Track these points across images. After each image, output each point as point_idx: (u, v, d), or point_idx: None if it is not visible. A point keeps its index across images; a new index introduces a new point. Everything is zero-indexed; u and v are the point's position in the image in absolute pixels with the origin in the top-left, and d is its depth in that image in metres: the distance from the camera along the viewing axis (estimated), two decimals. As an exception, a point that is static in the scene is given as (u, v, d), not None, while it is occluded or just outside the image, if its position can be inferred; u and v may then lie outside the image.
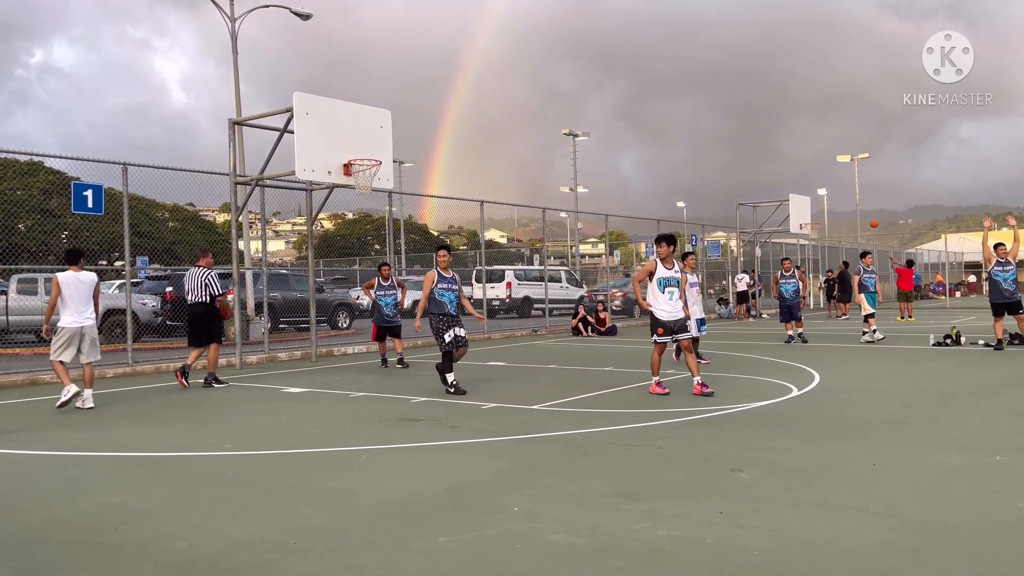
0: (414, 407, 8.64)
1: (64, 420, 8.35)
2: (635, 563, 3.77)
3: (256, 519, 4.57)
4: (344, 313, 22.81)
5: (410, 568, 3.75)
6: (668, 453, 6.11)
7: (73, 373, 9.41)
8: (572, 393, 9.32)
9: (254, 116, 14.87)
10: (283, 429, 7.60)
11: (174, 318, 19.00)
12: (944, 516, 4.43)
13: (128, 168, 12.94)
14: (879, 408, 8.07)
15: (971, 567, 3.69)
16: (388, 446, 6.62)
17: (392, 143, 13.71)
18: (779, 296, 16.68)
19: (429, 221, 63.34)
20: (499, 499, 4.87)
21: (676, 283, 9.08)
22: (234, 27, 20.52)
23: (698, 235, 31.48)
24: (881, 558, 3.78)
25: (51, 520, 4.65)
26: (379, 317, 13.22)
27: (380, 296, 13.17)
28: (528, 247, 64.00)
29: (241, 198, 14.30)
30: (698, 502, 4.74)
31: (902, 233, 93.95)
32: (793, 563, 3.74)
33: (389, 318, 13.14)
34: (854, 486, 5.06)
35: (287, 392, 10.22)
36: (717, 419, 7.51)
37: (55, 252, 29.14)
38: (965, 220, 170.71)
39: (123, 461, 6.31)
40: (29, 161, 30.65)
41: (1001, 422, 7.27)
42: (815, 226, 32.18)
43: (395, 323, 13.18)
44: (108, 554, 4.05)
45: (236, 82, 20.35)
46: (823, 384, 9.80)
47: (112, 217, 19.21)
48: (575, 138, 49.14)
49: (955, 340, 14.98)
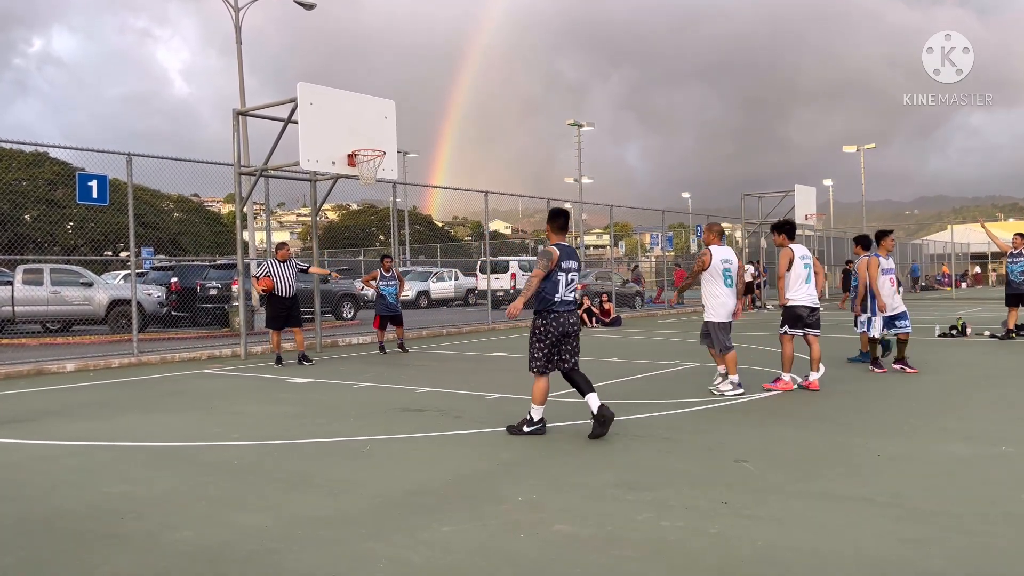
0: (419, 397, 8.65)
1: (70, 410, 8.38)
2: (640, 553, 3.77)
3: (261, 509, 4.58)
4: (349, 304, 22.83)
5: (415, 558, 3.76)
6: (673, 444, 6.11)
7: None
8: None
9: (258, 106, 14.83)
10: (288, 419, 7.61)
11: (179, 308, 19.05)
12: (950, 507, 4.42)
13: (133, 159, 12.93)
14: (884, 399, 8.06)
15: (977, 558, 3.68)
16: (393, 436, 6.63)
17: (396, 134, 13.69)
18: None
19: (433, 212, 63.37)
20: (504, 489, 4.87)
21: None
22: (238, 17, 20.47)
23: (703, 226, 31.42)
24: (886, 548, 3.77)
25: (57, 509, 4.67)
26: (382, 306, 13.94)
27: (383, 286, 13.85)
28: (533, 238, 63.93)
29: (245, 189, 14.29)
30: (703, 493, 4.74)
31: (908, 224, 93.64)
32: (798, 553, 3.74)
33: (392, 307, 13.89)
34: (859, 477, 5.06)
35: (292, 382, 10.24)
36: (722, 410, 7.50)
37: (60, 242, 29.22)
38: (971, 211, 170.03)
39: (129, 451, 6.33)
40: (34, 152, 30.68)
41: (1007, 413, 7.25)
42: (821, 217, 32.06)
43: (397, 311, 14.05)
44: (114, 543, 4.06)
45: (240, 73, 20.32)
46: (826, 376, 9.77)
47: (117, 208, 19.21)
48: (580, 128, 49.03)
49: (961, 331, 14.93)
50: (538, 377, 6.42)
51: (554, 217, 6.63)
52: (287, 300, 12.24)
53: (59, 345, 15.40)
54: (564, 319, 6.37)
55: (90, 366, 12.12)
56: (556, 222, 6.61)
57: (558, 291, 6.34)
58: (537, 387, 6.42)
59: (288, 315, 12.26)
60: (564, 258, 6.40)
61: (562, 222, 6.62)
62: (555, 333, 6.33)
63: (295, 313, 12.33)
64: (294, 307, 12.34)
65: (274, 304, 12.21)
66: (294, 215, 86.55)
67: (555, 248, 6.40)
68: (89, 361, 12.28)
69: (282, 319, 12.22)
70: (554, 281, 6.33)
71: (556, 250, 6.38)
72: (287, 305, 12.25)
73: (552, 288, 6.33)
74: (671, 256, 31.26)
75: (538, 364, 6.39)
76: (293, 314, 12.33)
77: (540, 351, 6.38)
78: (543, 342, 6.36)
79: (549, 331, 6.34)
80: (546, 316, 6.34)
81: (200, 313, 19.31)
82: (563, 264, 6.38)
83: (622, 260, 43.45)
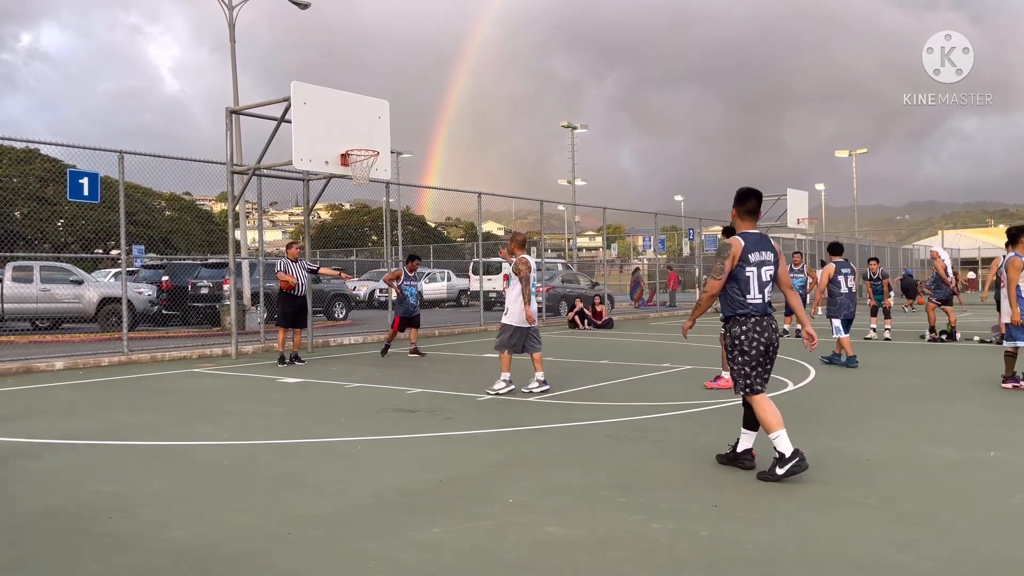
0: (410, 398, 8.63)
1: (59, 408, 8.33)
2: (630, 555, 3.77)
3: (251, 509, 4.56)
4: (340, 304, 22.79)
5: (405, 559, 3.75)
6: (664, 446, 6.12)
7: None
8: (568, 386, 9.32)
9: (251, 105, 14.80)
10: (278, 419, 7.59)
11: (170, 307, 18.97)
12: (940, 510, 4.44)
13: (124, 156, 12.88)
14: (874, 403, 8.09)
15: (967, 561, 3.70)
16: (384, 437, 6.62)
17: (390, 134, 13.67)
18: None
19: (426, 212, 63.24)
20: (495, 491, 4.87)
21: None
22: (232, 15, 20.41)
23: (696, 229, 31.49)
24: (877, 552, 3.78)
25: (46, 508, 4.64)
26: (404, 308, 13.38)
27: (407, 286, 13.42)
28: (527, 239, 63.86)
29: (238, 187, 14.25)
30: (694, 495, 4.75)
31: (899, 229, 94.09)
32: (788, 556, 3.75)
33: (413, 309, 13.51)
34: (849, 480, 5.07)
35: (283, 382, 10.21)
36: (713, 413, 7.52)
37: (51, 240, 29.07)
38: (962, 217, 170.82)
39: (118, 450, 6.30)
40: (25, 148, 30.52)
41: (996, 417, 7.29)
42: (812, 221, 32.15)
43: (418, 313, 13.64)
44: (103, 543, 4.03)
45: (234, 71, 20.26)
46: (818, 379, 9.82)
47: (108, 205, 19.13)
48: (573, 131, 49.05)
49: (950, 336, 15.01)
50: (754, 399, 5.19)
51: (743, 198, 5.36)
52: (299, 299, 12.34)
53: (48, 343, 15.31)
54: (767, 324, 5.22)
55: (79, 364, 12.06)
56: (745, 204, 5.35)
57: (749, 290, 5.19)
58: (762, 411, 5.15)
59: (298, 314, 12.35)
60: (751, 249, 5.20)
61: (752, 205, 5.34)
62: (761, 341, 5.17)
63: (305, 312, 12.46)
64: (305, 306, 12.50)
65: (288, 302, 12.24)
66: (287, 214, 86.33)
67: (739, 238, 5.24)
68: (79, 359, 12.21)
69: (292, 317, 12.26)
70: (743, 279, 5.18)
71: (740, 240, 5.22)
72: (299, 304, 12.36)
73: (742, 287, 5.18)
74: (664, 259, 31.28)
75: (749, 382, 5.19)
76: (303, 313, 12.48)
77: (747, 365, 5.18)
78: (747, 355, 5.18)
79: (753, 340, 5.16)
80: (745, 322, 5.18)
81: (191, 312, 19.24)
82: (750, 257, 5.19)
83: (615, 262, 43.49)
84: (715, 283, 5.23)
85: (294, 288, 12.19)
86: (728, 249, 5.20)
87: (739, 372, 5.22)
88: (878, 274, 16.02)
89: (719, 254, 5.32)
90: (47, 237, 29.30)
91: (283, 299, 12.33)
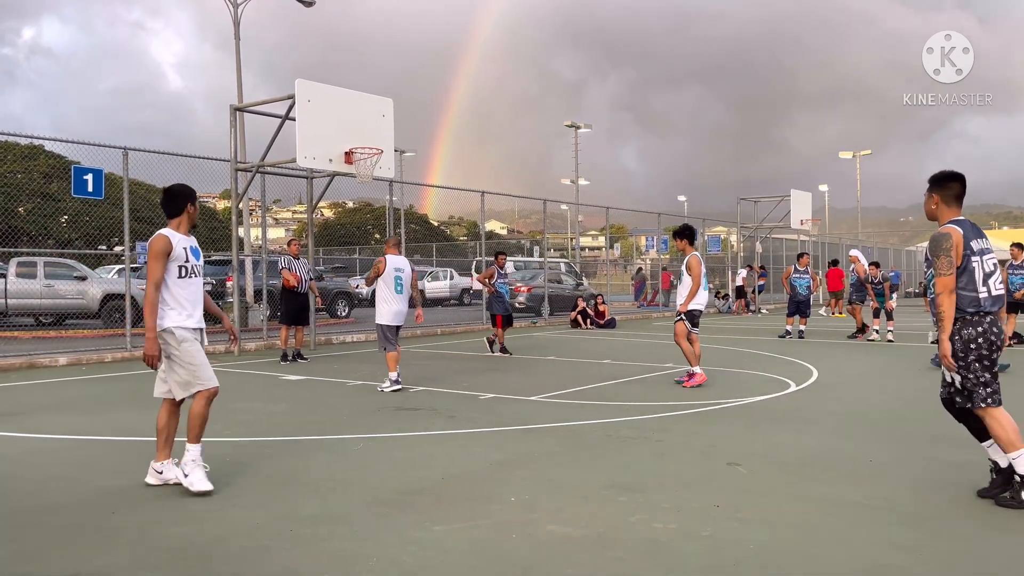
0: (412, 396, 8.64)
1: (62, 404, 8.35)
2: (631, 554, 3.78)
3: (253, 506, 4.57)
4: (343, 302, 22.81)
5: (406, 558, 3.76)
6: (666, 446, 6.12)
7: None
8: (570, 385, 9.32)
9: (255, 102, 14.82)
10: (281, 417, 7.60)
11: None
12: (941, 512, 4.43)
13: (128, 153, 12.90)
14: (876, 404, 8.08)
15: (968, 563, 3.69)
16: (385, 435, 6.63)
17: (394, 132, 13.68)
18: (791, 290, 16.69)
19: (430, 211, 63.27)
20: (496, 489, 4.87)
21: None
22: (237, 12, 20.44)
23: (699, 229, 31.44)
24: (879, 553, 3.78)
25: (49, 503, 4.65)
26: (500, 306, 13.35)
27: (500, 283, 13.47)
28: (528, 239, 63.94)
29: (242, 185, 14.26)
30: (695, 495, 4.75)
31: (902, 231, 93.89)
32: (789, 556, 3.75)
33: (508, 305, 13.61)
34: (851, 481, 5.07)
35: (285, 380, 10.22)
36: (715, 413, 7.52)
37: (55, 236, 29.12)
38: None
39: (121, 445, 6.31)
40: (30, 144, 30.56)
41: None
42: (816, 222, 32.12)
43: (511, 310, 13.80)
44: (105, 538, 4.05)
45: (238, 68, 20.29)
46: (821, 379, 9.81)
47: (112, 202, 19.14)
48: (577, 130, 49.03)
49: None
50: (996, 412, 4.47)
51: (945, 181, 4.66)
52: (301, 296, 12.40)
53: (52, 339, 15.34)
54: (998, 321, 4.52)
55: (83, 360, 12.08)
56: (950, 188, 4.64)
57: (976, 284, 4.46)
58: (1003, 426, 4.43)
59: (301, 311, 12.41)
60: (972, 237, 4.51)
61: (958, 189, 4.64)
62: (996, 344, 4.48)
63: (307, 310, 12.51)
64: (307, 304, 12.56)
65: (291, 299, 12.29)
66: (290, 212, 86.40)
67: (956, 227, 4.51)
68: (82, 355, 12.24)
69: (295, 315, 12.30)
70: (969, 271, 4.45)
71: (957, 228, 4.49)
72: (302, 302, 12.43)
73: (971, 281, 4.46)
74: (667, 259, 31.26)
75: (991, 390, 4.46)
76: (305, 311, 12.53)
77: (988, 371, 4.47)
78: (987, 359, 4.46)
79: (992, 342, 4.46)
80: (980, 323, 4.45)
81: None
82: (973, 245, 4.48)
83: (618, 262, 43.47)
84: (949, 279, 4.44)
85: (297, 286, 12.23)
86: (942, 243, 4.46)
87: (980, 381, 4.46)
88: (879, 278, 16.16)
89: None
90: (51, 233, 29.33)
91: (285, 297, 12.37)
